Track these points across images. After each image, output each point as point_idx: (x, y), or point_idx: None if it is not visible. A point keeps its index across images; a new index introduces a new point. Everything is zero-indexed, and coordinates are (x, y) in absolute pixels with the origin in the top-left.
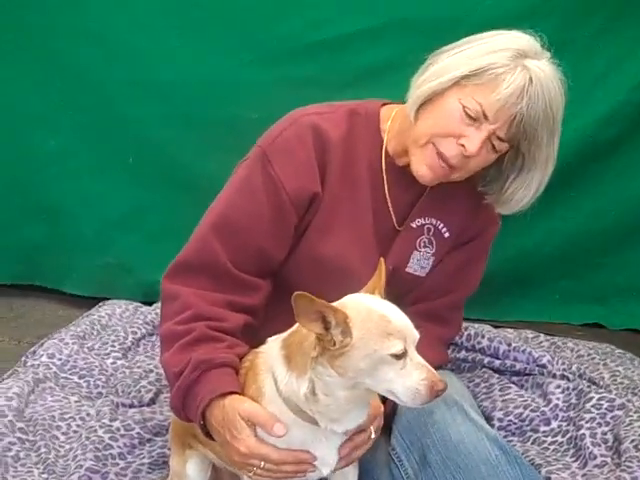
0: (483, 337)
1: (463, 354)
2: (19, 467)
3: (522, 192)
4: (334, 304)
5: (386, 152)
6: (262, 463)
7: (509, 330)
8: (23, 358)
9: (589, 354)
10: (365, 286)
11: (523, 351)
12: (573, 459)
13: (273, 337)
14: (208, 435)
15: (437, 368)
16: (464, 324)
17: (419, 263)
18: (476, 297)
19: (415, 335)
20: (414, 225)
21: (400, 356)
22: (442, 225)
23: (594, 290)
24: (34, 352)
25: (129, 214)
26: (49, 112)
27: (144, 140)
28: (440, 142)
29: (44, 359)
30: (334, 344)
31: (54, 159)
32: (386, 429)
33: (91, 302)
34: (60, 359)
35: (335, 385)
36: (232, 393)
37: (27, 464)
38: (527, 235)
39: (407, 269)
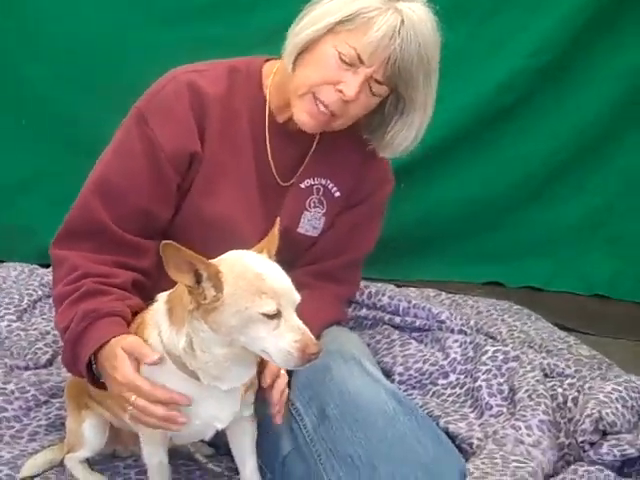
0: (384, 295)
1: (364, 312)
2: None
3: (403, 134)
4: (214, 260)
5: (269, 109)
6: (133, 397)
7: (411, 289)
8: None
9: (488, 310)
10: (256, 245)
11: (423, 308)
12: (470, 409)
13: (163, 293)
14: (99, 386)
15: (334, 325)
16: (365, 282)
17: (310, 223)
18: (378, 257)
19: (295, 297)
20: (303, 186)
21: (273, 316)
22: (332, 185)
23: (493, 249)
24: None
25: (26, 177)
26: None
27: (38, 100)
28: (319, 90)
29: None
30: (205, 298)
31: None
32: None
33: None
34: None
35: (211, 341)
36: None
37: None
38: (427, 197)
39: (299, 229)
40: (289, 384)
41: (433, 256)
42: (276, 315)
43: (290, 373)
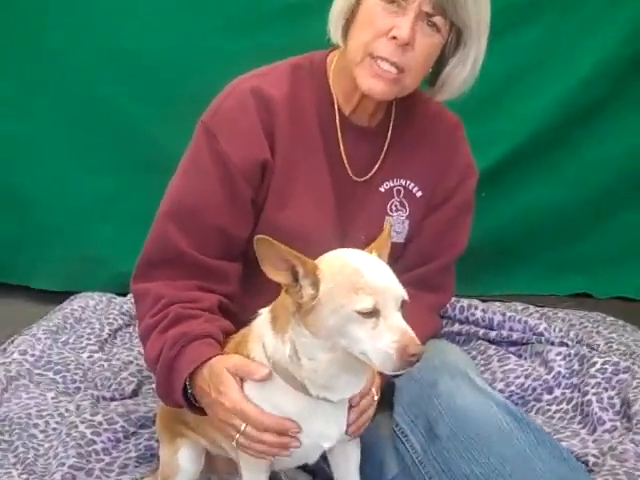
0: (476, 308)
1: (457, 327)
2: None
3: (458, 70)
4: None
5: (337, 101)
6: (243, 425)
7: (497, 304)
8: None
9: (581, 322)
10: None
11: (519, 320)
12: (581, 426)
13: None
14: (196, 411)
15: (431, 337)
16: (454, 298)
17: (394, 228)
18: (459, 272)
19: (398, 295)
20: (382, 189)
21: (371, 314)
22: (412, 184)
23: (580, 260)
24: (4, 350)
25: (102, 201)
26: (13, 94)
27: (115, 122)
28: (375, 48)
29: (16, 356)
30: (302, 297)
31: (20, 145)
32: (387, 405)
33: (61, 297)
34: (33, 355)
35: (313, 346)
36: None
37: (5, 465)
38: (509, 206)
39: None
40: (390, 403)
41: (517, 269)
42: (374, 313)
43: (392, 391)
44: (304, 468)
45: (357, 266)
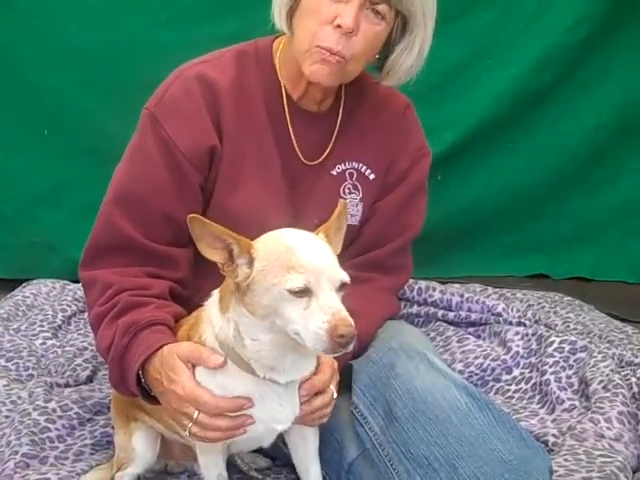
0: (434, 290)
1: (415, 308)
2: None
3: (405, 55)
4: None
5: (284, 87)
6: (196, 413)
7: (456, 285)
8: None
9: (539, 303)
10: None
11: (477, 301)
12: (539, 405)
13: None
14: (151, 400)
15: (389, 318)
16: (412, 280)
17: (348, 211)
18: (417, 255)
19: (334, 275)
20: (334, 172)
21: (303, 294)
22: (364, 167)
23: (537, 241)
24: None
25: (50, 190)
26: None
27: (59, 109)
28: (319, 37)
29: None
30: (237, 276)
31: None
32: (345, 388)
33: (13, 285)
34: None
35: (254, 327)
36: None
37: None
38: (465, 189)
39: None
40: (348, 385)
41: (475, 250)
42: (306, 293)
43: (351, 374)
44: (263, 452)
45: (291, 244)
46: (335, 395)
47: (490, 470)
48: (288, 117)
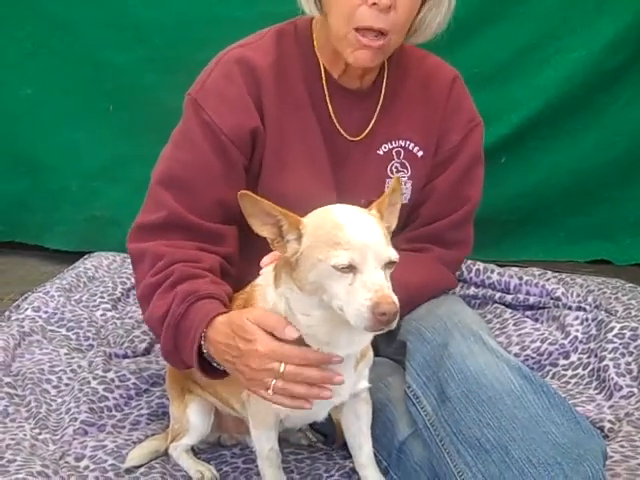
0: (493, 272)
1: (473, 290)
2: (9, 423)
3: (432, 14)
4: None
5: (323, 66)
6: (282, 367)
7: (514, 269)
8: (7, 313)
9: (599, 288)
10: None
11: (536, 284)
12: (597, 391)
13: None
14: (208, 374)
15: (442, 290)
16: (470, 261)
17: None
18: (478, 237)
19: (381, 253)
20: (381, 152)
21: (348, 270)
22: (412, 144)
23: (600, 226)
24: (18, 306)
25: (112, 165)
26: (23, 59)
27: (124, 86)
28: (357, 19)
29: (29, 312)
30: (286, 251)
31: (30, 108)
32: (399, 367)
33: (75, 257)
34: (46, 312)
35: (303, 302)
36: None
37: (17, 419)
38: (530, 171)
39: None
40: (402, 364)
41: (535, 234)
42: (351, 269)
43: (404, 353)
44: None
45: (339, 221)
46: None
47: (543, 453)
48: (328, 96)
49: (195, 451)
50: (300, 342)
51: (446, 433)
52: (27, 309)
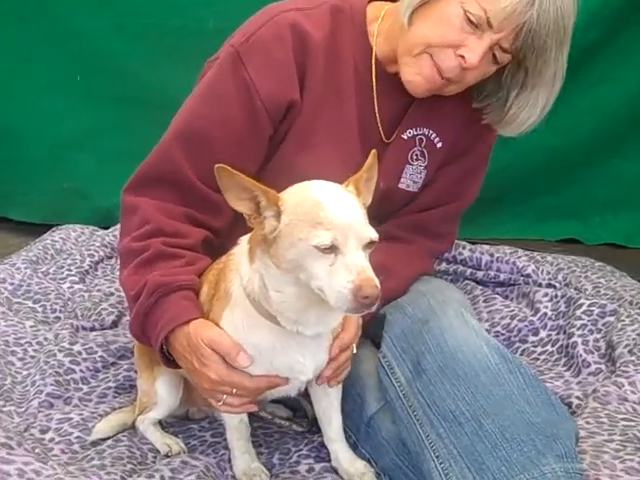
0: (464, 248)
1: (444, 266)
2: None
3: (527, 112)
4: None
5: (375, 57)
6: (234, 390)
7: (485, 247)
8: None
9: (569, 267)
10: (348, 179)
11: (506, 261)
12: (565, 368)
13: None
14: (169, 363)
15: (417, 277)
16: None
17: (411, 178)
18: None
19: (361, 233)
20: (405, 137)
21: (329, 250)
22: (434, 135)
23: (570, 205)
24: None
25: (81, 135)
26: None
27: (92, 54)
28: (437, 52)
29: None
30: (264, 228)
31: None
32: (369, 341)
33: (43, 229)
34: (12, 284)
35: (277, 279)
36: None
37: None
38: (499, 151)
39: (400, 185)
40: (375, 337)
41: (506, 213)
42: (332, 249)
43: (376, 327)
44: (284, 403)
45: (319, 199)
46: (355, 351)
47: (516, 430)
48: (376, 86)
49: (163, 424)
50: (267, 318)
51: (419, 404)
52: None
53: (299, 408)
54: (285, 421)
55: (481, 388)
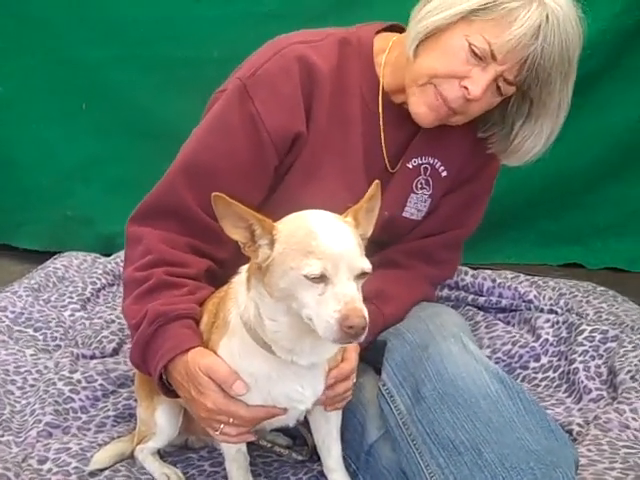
0: (466, 274)
1: (446, 292)
2: None
3: (531, 142)
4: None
5: (382, 88)
6: (231, 420)
7: (487, 272)
8: None
9: (571, 292)
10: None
11: (509, 287)
12: (566, 394)
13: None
14: (168, 393)
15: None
16: None
17: (416, 206)
18: None
19: (353, 263)
20: (410, 165)
21: (319, 280)
22: (439, 164)
23: (572, 230)
24: None
25: (85, 164)
26: None
27: (97, 84)
28: (441, 83)
29: None
30: (257, 257)
31: (1, 106)
32: (370, 368)
33: (46, 257)
34: (13, 312)
35: (272, 308)
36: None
37: None
38: (502, 175)
39: (404, 214)
40: (374, 365)
41: (508, 237)
42: (322, 279)
43: (376, 354)
44: (284, 432)
45: (312, 229)
46: (354, 380)
47: (516, 458)
48: (382, 116)
49: (161, 454)
50: (263, 347)
51: (419, 433)
52: None
53: (299, 436)
54: (284, 449)
55: (481, 415)
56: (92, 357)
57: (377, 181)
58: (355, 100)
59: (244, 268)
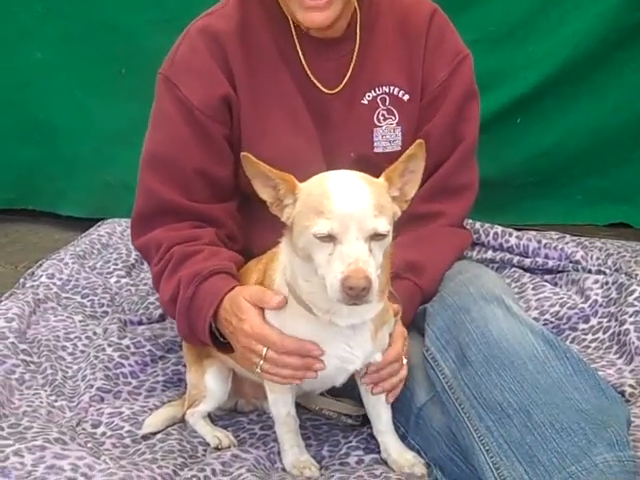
0: (511, 235)
1: (490, 254)
2: (25, 390)
3: None
4: None
5: (294, 23)
6: (265, 350)
7: (532, 232)
8: (21, 280)
9: (619, 252)
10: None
11: (554, 248)
12: (617, 356)
13: None
14: (220, 348)
15: (460, 255)
16: (487, 224)
17: (385, 138)
18: (493, 200)
19: (365, 224)
20: (365, 101)
21: (327, 239)
22: (396, 89)
23: (620, 188)
24: (32, 273)
25: (125, 130)
26: (33, 23)
27: (136, 49)
28: None
29: (44, 279)
30: (282, 215)
31: (41, 73)
32: (417, 332)
33: (88, 224)
34: (61, 279)
35: (303, 268)
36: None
37: (33, 386)
38: (547, 132)
39: (375, 150)
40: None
41: (554, 197)
42: (331, 239)
43: (423, 318)
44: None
45: (328, 188)
46: (405, 362)
47: (566, 418)
48: (300, 51)
49: (212, 418)
50: (305, 307)
51: (466, 396)
52: (41, 276)
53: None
54: (334, 413)
55: (528, 377)
56: (139, 323)
57: (420, 140)
58: (269, 45)
59: None
